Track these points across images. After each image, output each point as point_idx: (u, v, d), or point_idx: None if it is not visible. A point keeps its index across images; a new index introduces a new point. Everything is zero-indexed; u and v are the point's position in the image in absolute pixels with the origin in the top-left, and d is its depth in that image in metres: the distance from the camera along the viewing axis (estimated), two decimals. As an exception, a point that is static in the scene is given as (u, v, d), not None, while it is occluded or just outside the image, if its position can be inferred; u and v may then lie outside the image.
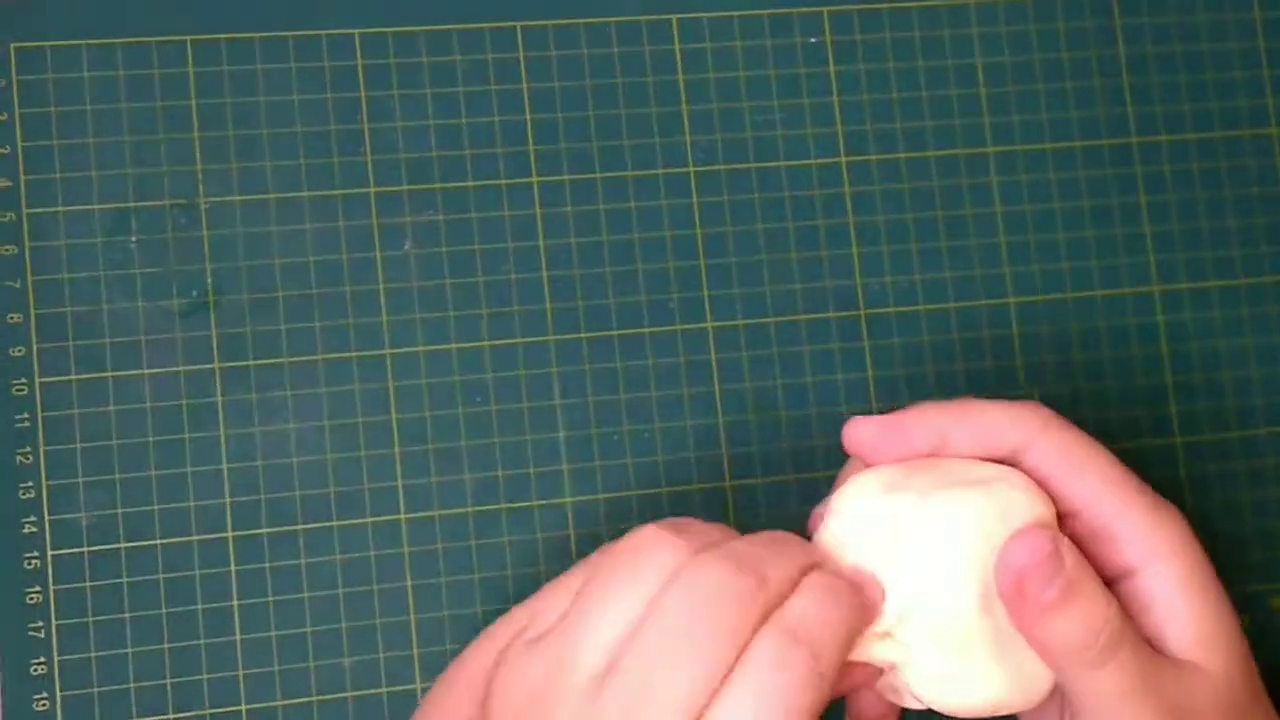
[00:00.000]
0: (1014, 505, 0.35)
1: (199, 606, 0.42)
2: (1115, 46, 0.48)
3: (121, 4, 0.44)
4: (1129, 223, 0.48)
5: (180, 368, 0.43)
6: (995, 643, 0.34)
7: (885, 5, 0.47)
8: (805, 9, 0.47)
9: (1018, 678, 0.35)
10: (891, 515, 0.35)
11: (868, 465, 0.37)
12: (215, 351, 0.43)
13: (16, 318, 0.42)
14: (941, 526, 0.34)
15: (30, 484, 0.42)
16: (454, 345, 0.44)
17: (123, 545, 0.42)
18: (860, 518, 0.36)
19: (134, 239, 0.43)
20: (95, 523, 0.42)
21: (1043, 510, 0.35)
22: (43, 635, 0.41)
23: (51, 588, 0.41)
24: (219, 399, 0.43)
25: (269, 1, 0.44)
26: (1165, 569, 0.35)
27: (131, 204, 0.43)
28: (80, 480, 0.42)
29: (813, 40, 0.47)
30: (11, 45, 0.43)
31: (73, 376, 0.42)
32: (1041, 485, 0.36)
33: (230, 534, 0.42)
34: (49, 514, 0.42)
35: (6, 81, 0.43)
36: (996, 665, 0.35)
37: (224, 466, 0.43)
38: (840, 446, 0.45)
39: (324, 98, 0.44)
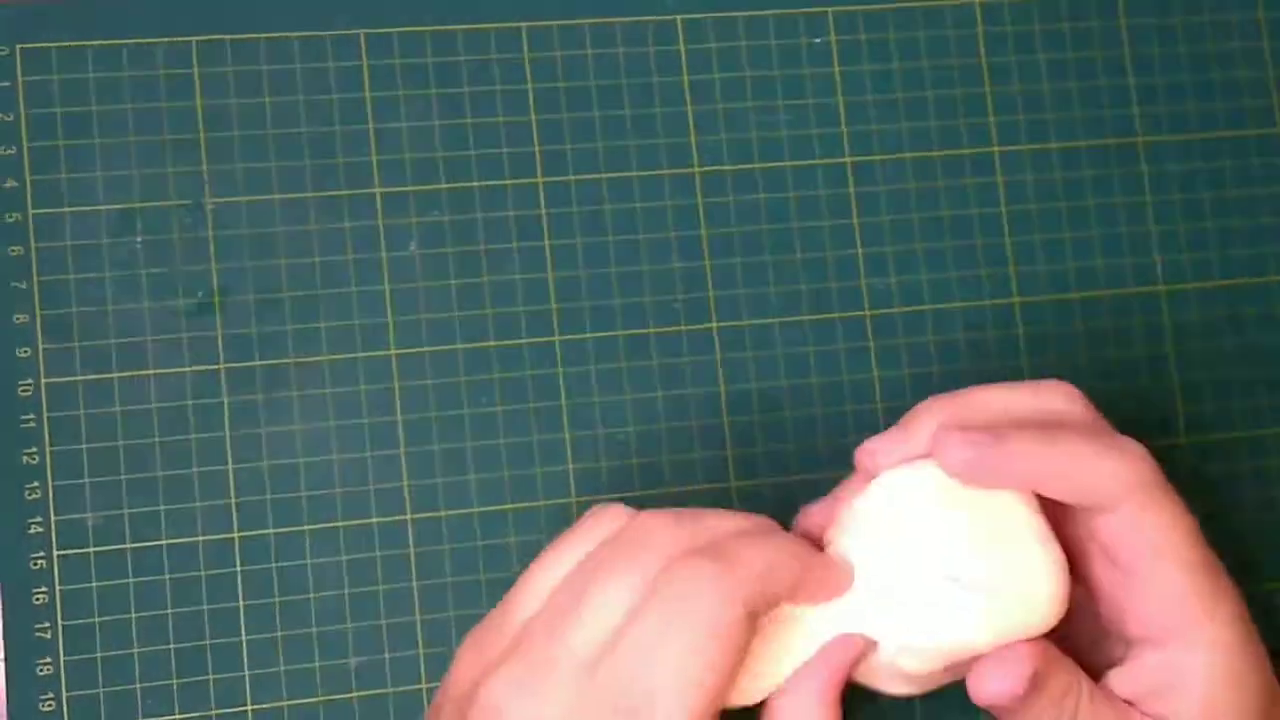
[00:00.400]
0: (1033, 608, 0.35)
1: (205, 607, 0.42)
2: (1120, 47, 0.48)
3: (126, 5, 0.44)
4: (1134, 222, 0.48)
5: (186, 368, 0.43)
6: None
7: (890, 6, 0.47)
8: (810, 10, 0.47)
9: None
10: (928, 558, 0.36)
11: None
12: (221, 352, 0.43)
13: (23, 318, 0.42)
14: (960, 610, 0.35)
15: (36, 484, 0.42)
16: (459, 346, 0.44)
17: (129, 545, 0.42)
18: (897, 529, 0.36)
19: (139, 239, 0.43)
20: (101, 523, 0.42)
21: (1056, 612, 0.35)
22: (49, 636, 0.41)
23: (57, 588, 0.41)
24: (225, 399, 0.43)
25: (274, 2, 0.44)
26: (1197, 665, 0.35)
27: (137, 204, 0.43)
28: (86, 481, 0.42)
29: (817, 41, 0.47)
30: (17, 46, 0.43)
31: (78, 377, 0.42)
32: (1108, 545, 0.36)
33: (236, 534, 0.42)
34: (55, 514, 0.42)
35: (12, 82, 0.43)
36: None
37: (229, 467, 0.43)
38: (844, 449, 0.45)
39: (329, 98, 0.44)
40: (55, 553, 0.41)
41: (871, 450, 0.37)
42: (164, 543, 0.42)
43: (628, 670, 0.33)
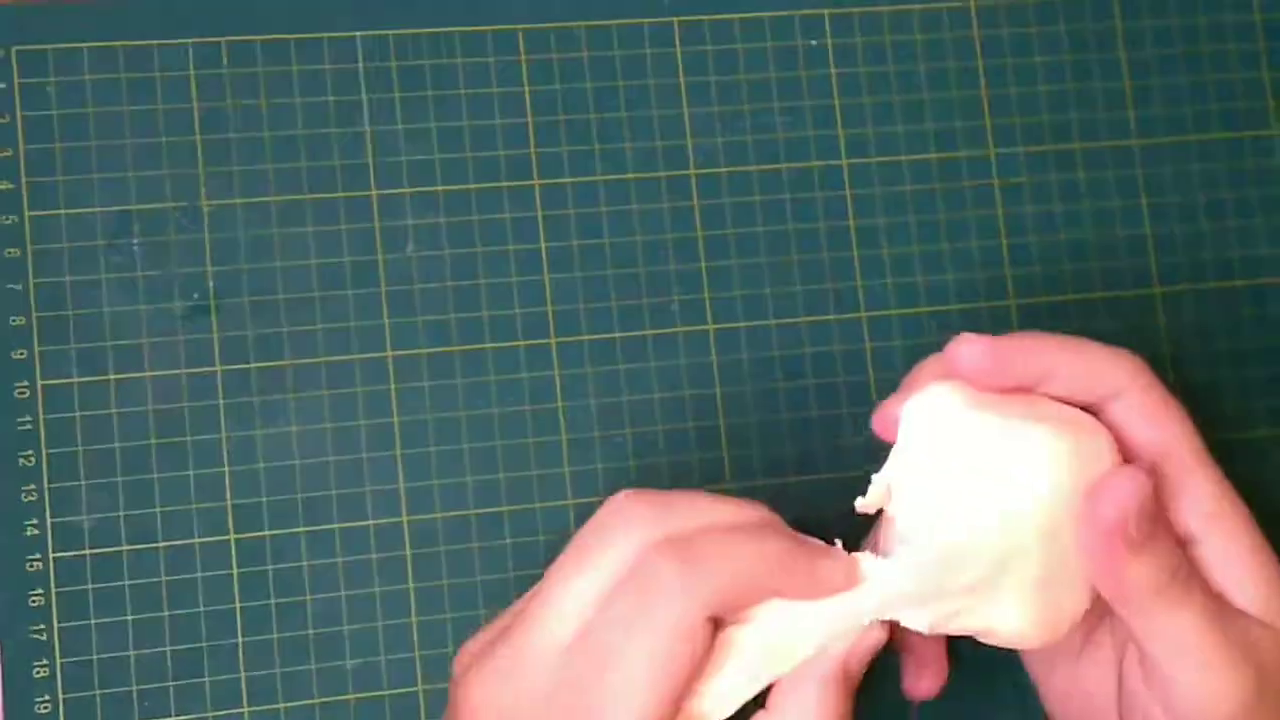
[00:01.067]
0: (1093, 452, 0.35)
1: (201, 609, 0.42)
2: (1116, 49, 0.48)
3: (122, 7, 0.44)
4: (1130, 225, 0.48)
5: (182, 370, 0.43)
6: (1040, 580, 0.34)
7: (886, 8, 0.47)
8: (806, 11, 0.47)
9: (1050, 615, 0.35)
10: (971, 439, 0.35)
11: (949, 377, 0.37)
12: (217, 354, 0.43)
13: (19, 320, 0.42)
14: (1017, 460, 0.34)
15: (32, 486, 0.42)
16: (456, 348, 0.44)
17: (125, 548, 0.42)
18: (938, 434, 0.35)
19: (136, 242, 0.43)
20: (97, 525, 0.42)
21: (1117, 461, 0.35)
22: (44, 638, 0.41)
23: (53, 590, 0.41)
24: (220, 401, 0.43)
25: (270, 4, 0.44)
26: (1230, 537, 0.35)
27: (133, 207, 0.43)
28: (82, 483, 0.42)
29: (814, 43, 0.47)
30: (13, 48, 0.43)
31: (74, 379, 0.42)
32: (1119, 435, 0.36)
33: (232, 536, 0.42)
34: (51, 516, 0.42)
35: (8, 84, 0.43)
36: (1035, 600, 0.35)
37: (225, 469, 0.43)
38: (843, 450, 0.45)
39: (326, 100, 0.44)
40: (51, 555, 0.41)
41: (884, 414, 0.37)
42: (160, 545, 0.42)
43: (589, 665, 0.32)
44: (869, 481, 0.37)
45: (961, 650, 0.40)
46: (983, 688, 0.44)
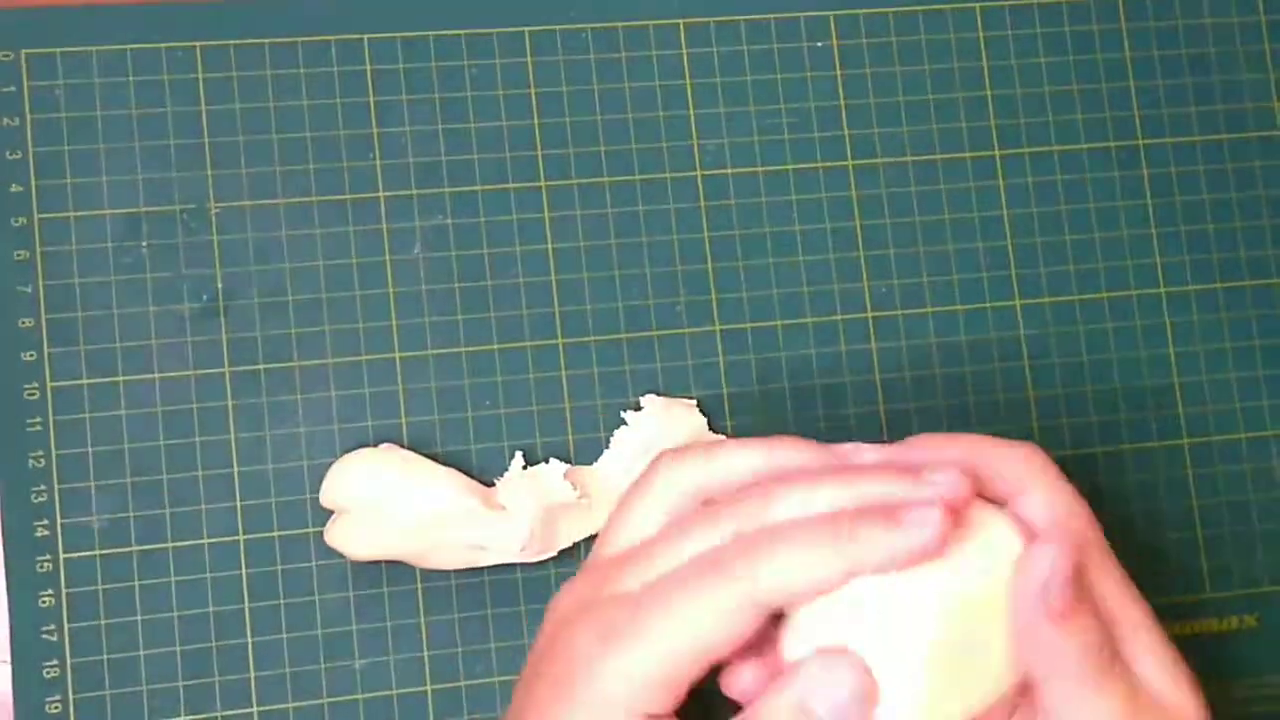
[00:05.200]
0: (1004, 544, 0.33)
1: (210, 609, 0.42)
2: (1122, 49, 0.48)
3: (130, 10, 0.44)
4: (1135, 225, 0.48)
5: (191, 372, 0.43)
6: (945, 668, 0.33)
7: (891, 9, 0.47)
8: (811, 13, 0.47)
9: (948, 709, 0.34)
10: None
11: None
12: (226, 355, 0.43)
13: (28, 322, 0.42)
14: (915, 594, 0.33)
15: (42, 488, 0.42)
16: (463, 349, 0.44)
17: (134, 548, 0.42)
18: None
19: (145, 244, 0.43)
20: (107, 526, 0.42)
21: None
22: (55, 638, 0.41)
23: (64, 591, 0.41)
24: (229, 403, 0.43)
25: (277, 7, 0.45)
26: (1140, 627, 0.34)
27: (142, 209, 0.43)
28: (92, 484, 0.42)
29: (819, 44, 0.47)
30: (22, 51, 0.43)
31: (84, 381, 0.42)
32: (1026, 528, 0.34)
33: (241, 537, 0.42)
34: (61, 517, 0.42)
35: (17, 87, 0.43)
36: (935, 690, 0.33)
37: (235, 470, 0.43)
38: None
39: (333, 103, 0.45)
40: (61, 555, 0.42)
41: None
42: (170, 545, 0.42)
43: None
44: None
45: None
46: None
